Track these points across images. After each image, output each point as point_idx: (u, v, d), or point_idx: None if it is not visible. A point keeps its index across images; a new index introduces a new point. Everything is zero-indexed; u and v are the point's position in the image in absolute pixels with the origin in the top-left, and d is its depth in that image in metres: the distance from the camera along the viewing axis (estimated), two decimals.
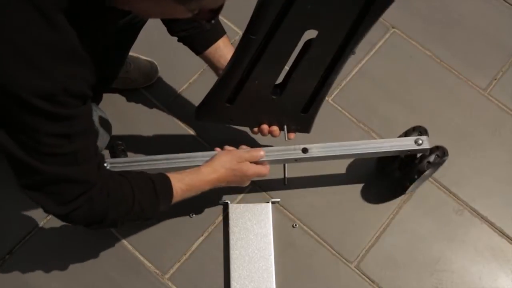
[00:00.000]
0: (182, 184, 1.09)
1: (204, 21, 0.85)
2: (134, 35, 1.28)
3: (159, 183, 1.05)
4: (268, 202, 1.38)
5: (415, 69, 1.60)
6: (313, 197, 1.41)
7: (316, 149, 1.24)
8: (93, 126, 0.92)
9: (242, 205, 1.37)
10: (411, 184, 1.30)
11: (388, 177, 1.40)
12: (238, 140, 1.46)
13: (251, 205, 1.37)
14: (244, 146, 1.23)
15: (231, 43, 1.27)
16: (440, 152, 1.25)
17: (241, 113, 1.23)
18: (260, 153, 1.20)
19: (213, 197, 1.39)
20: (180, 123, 1.49)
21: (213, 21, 0.84)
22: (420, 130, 1.28)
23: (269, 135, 1.28)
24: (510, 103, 1.55)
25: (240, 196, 1.40)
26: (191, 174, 1.12)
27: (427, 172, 1.25)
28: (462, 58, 1.61)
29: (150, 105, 1.51)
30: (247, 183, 1.23)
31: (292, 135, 1.29)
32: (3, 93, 0.76)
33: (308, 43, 1.05)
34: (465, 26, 1.66)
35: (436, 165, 1.26)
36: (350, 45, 1.03)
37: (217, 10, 0.83)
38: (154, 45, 1.56)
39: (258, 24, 0.96)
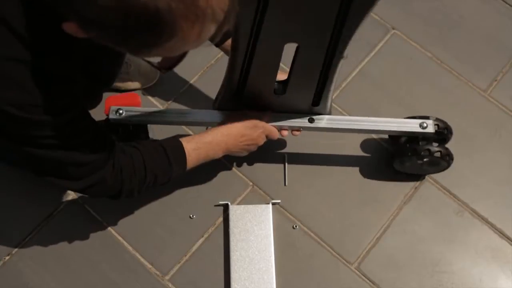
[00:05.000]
0: (193, 143, 1.12)
1: (161, 71, 0.87)
2: None
3: (170, 147, 1.09)
4: (269, 203, 1.38)
5: (415, 70, 1.59)
6: (314, 198, 1.41)
7: (322, 120, 1.26)
8: (89, 116, 0.97)
9: (242, 206, 1.37)
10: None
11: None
12: None
13: (251, 206, 1.37)
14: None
15: None
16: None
17: (253, 106, 1.23)
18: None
19: (214, 198, 1.39)
20: (185, 127, 1.49)
21: (164, 72, 0.85)
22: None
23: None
24: (510, 104, 1.55)
25: (240, 197, 1.40)
26: (201, 133, 1.16)
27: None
28: (463, 59, 1.61)
29: (150, 106, 1.51)
30: (260, 141, 1.23)
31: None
32: None
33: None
34: (466, 27, 1.66)
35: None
36: (337, 51, 1.03)
37: (174, 62, 0.84)
38: None
39: (236, 40, 0.98)
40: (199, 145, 1.13)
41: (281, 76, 1.17)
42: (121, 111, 1.25)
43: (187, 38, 0.71)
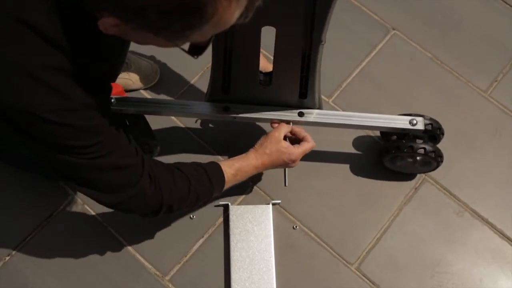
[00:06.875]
0: (232, 170, 1.16)
1: (194, 56, 0.88)
2: None
3: (211, 169, 1.12)
4: (269, 204, 1.38)
5: (415, 70, 1.59)
6: (314, 199, 1.41)
7: (312, 115, 1.26)
8: (120, 129, 0.95)
9: (242, 206, 1.37)
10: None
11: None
12: (238, 141, 1.46)
13: (251, 206, 1.37)
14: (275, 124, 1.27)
15: None
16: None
17: (241, 98, 1.24)
18: (305, 135, 1.25)
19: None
20: (181, 124, 1.49)
21: (197, 57, 0.87)
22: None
23: None
24: (510, 105, 1.55)
25: (240, 198, 1.40)
26: (239, 160, 1.19)
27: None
28: (463, 60, 1.61)
29: None
30: (295, 164, 1.25)
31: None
32: (26, 116, 0.79)
33: None
34: (466, 27, 1.66)
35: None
36: (314, 35, 1.04)
37: (204, 45, 0.85)
38: (155, 46, 1.56)
39: None
40: (235, 171, 1.16)
41: (270, 67, 1.20)
42: (112, 100, 1.23)
43: (223, 17, 0.72)
